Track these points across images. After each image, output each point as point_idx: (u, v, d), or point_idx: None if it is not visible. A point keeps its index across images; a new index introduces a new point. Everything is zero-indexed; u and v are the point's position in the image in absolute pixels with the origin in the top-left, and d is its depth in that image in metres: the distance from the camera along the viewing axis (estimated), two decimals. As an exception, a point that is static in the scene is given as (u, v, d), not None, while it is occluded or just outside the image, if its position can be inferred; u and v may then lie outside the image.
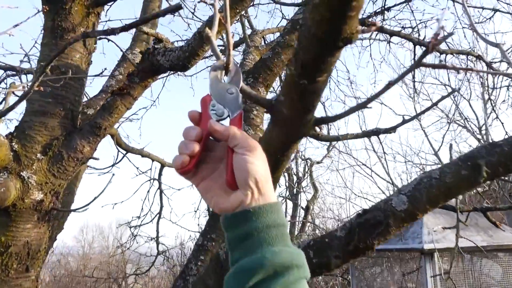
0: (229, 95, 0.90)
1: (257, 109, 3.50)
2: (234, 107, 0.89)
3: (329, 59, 0.76)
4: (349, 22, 0.69)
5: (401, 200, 1.52)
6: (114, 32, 1.30)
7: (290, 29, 3.66)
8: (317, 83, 0.81)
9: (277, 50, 3.62)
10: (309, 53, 0.75)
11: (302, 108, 0.88)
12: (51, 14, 2.71)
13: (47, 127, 2.60)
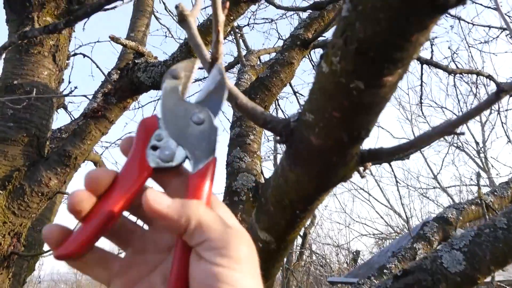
0: (195, 126, 0.54)
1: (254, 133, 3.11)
2: (201, 149, 0.53)
3: (414, 36, 0.37)
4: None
5: (455, 259, 1.11)
6: (56, 28, 0.92)
7: (290, 45, 3.31)
8: (382, 87, 0.42)
9: (275, 68, 3.25)
10: (376, 23, 0.36)
11: (347, 134, 0.47)
12: (16, 24, 2.33)
13: (7, 156, 2.19)
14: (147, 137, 0.52)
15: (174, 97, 0.55)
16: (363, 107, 0.45)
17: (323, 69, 0.44)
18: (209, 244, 0.46)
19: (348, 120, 0.46)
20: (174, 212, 0.47)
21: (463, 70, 5.05)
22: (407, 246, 2.40)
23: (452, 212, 2.53)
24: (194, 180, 0.51)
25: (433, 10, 0.35)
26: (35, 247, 3.29)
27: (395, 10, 0.36)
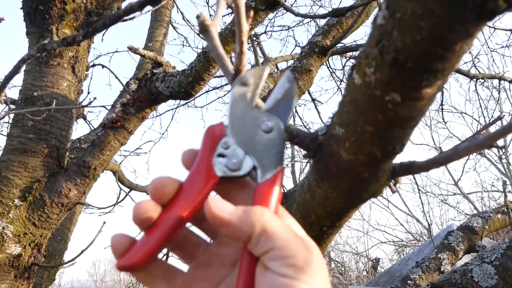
0: (263, 135, 0.52)
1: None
2: (269, 158, 0.50)
3: (458, 45, 0.34)
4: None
5: (486, 272, 1.07)
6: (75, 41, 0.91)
7: (308, 52, 3.29)
8: (420, 100, 0.39)
9: (294, 75, 3.23)
10: (416, 32, 0.33)
11: (380, 149, 0.44)
12: (36, 37, 2.35)
13: (27, 167, 2.20)
14: (214, 145, 0.51)
15: (243, 104, 0.53)
16: (398, 121, 0.42)
17: (355, 80, 0.42)
18: (276, 253, 0.43)
19: (382, 134, 0.44)
20: (237, 219, 0.45)
21: (485, 75, 4.95)
22: (431, 256, 2.34)
23: (478, 220, 2.46)
24: (261, 189, 0.49)
25: (480, 17, 0.32)
26: (55, 257, 3.31)
27: (438, 17, 0.33)
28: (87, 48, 2.47)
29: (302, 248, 0.44)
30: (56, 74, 2.30)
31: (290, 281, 0.42)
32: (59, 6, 2.30)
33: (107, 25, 0.80)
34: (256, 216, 0.45)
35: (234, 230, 0.45)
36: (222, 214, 0.45)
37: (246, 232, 0.44)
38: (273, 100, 0.56)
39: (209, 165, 0.49)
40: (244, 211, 0.45)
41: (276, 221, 0.45)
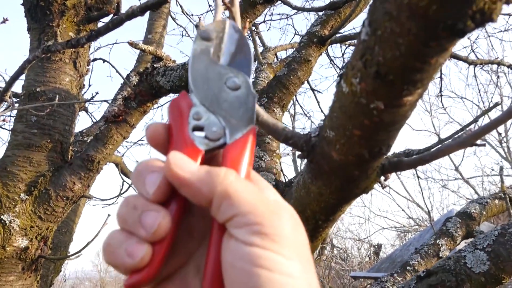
0: (230, 92, 0.48)
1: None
2: (238, 117, 0.46)
3: (434, 59, 0.38)
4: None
5: (478, 259, 1.11)
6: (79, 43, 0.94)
7: (306, 42, 3.31)
8: (402, 107, 0.42)
9: (293, 66, 3.25)
10: (395, 48, 0.36)
11: (367, 151, 0.48)
12: (37, 33, 2.38)
13: (32, 162, 2.25)
14: (185, 119, 0.46)
15: (205, 60, 0.49)
16: (383, 125, 0.45)
17: (343, 89, 0.45)
18: (240, 220, 0.39)
19: (368, 137, 0.47)
20: (197, 179, 0.41)
21: (483, 61, 4.98)
22: (430, 242, 2.39)
23: (475, 207, 2.50)
24: (230, 151, 0.44)
25: (452, 35, 0.36)
26: (61, 249, 3.36)
27: (414, 36, 0.36)
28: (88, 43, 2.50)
29: (271, 214, 0.39)
30: (58, 70, 2.33)
31: (256, 250, 0.37)
32: (60, 1, 2.32)
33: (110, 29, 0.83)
34: (218, 177, 0.41)
35: (194, 191, 0.41)
36: (182, 173, 0.41)
37: (206, 194, 0.40)
38: (228, 54, 0.50)
39: (188, 142, 0.45)
40: (206, 172, 0.41)
41: (242, 183, 0.41)
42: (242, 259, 0.37)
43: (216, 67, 0.49)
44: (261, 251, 0.37)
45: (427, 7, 0.34)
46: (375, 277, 7.28)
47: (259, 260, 0.37)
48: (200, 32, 0.51)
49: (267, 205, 0.40)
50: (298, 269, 0.38)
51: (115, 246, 0.42)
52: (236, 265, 0.38)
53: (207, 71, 0.49)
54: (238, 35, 0.52)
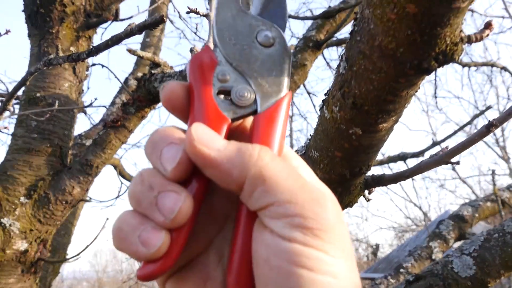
0: (262, 49, 0.40)
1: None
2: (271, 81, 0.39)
3: (404, 92, 0.42)
4: (454, 21, 0.35)
5: (465, 263, 1.15)
6: (79, 58, 0.99)
7: (302, 47, 3.36)
8: (378, 132, 0.46)
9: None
10: (369, 83, 0.40)
11: (349, 170, 0.52)
12: (37, 39, 2.42)
13: (32, 166, 2.28)
14: (209, 80, 0.39)
15: (233, 7, 0.40)
16: (362, 148, 0.50)
17: (325, 115, 0.49)
18: (278, 209, 0.33)
19: (349, 159, 0.51)
20: (226, 159, 0.34)
21: (477, 63, 5.03)
22: (423, 244, 2.43)
23: (468, 209, 2.55)
24: (261, 121, 0.38)
25: (419, 73, 0.40)
26: (59, 251, 3.40)
27: (385, 73, 0.40)
28: (87, 48, 2.54)
29: (314, 203, 0.33)
30: (58, 75, 2.37)
31: (297, 247, 0.32)
32: (60, 8, 2.36)
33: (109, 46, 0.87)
34: (251, 157, 0.34)
35: (221, 173, 0.34)
36: (208, 150, 0.34)
37: (236, 178, 0.34)
38: (260, 1, 0.43)
39: (212, 107, 0.38)
40: (237, 149, 0.35)
41: (279, 165, 0.34)
42: (279, 256, 0.32)
43: (246, 18, 0.41)
44: (303, 248, 0.32)
45: (395, 49, 0.38)
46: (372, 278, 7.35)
47: (301, 259, 0.32)
48: None
49: (310, 192, 0.34)
50: (343, 269, 0.33)
51: (127, 231, 0.35)
52: (272, 262, 0.32)
53: (234, 21, 0.40)
54: None
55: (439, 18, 0.36)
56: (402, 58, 0.39)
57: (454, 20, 0.37)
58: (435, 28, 0.36)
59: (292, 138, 11.23)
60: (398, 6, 0.36)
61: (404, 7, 0.35)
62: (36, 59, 2.42)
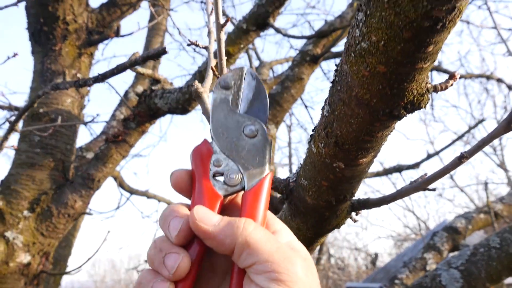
0: (248, 140, 0.52)
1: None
2: (255, 164, 0.50)
3: (379, 133, 0.48)
4: (419, 77, 0.41)
5: (452, 277, 1.21)
6: (86, 84, 1.04)
7: (299, 61, 3.42)
8: (359, 166, 0.53)
9: (286, 84, 3.37)
10: (348, 126, 0.47)
11: (334, 198, 0.58)
12: (40, 56, 2.48)
13: (35, 180, 2.34)
14: (206, 165, 0.50)
15: (225, 108, 0.52)
16: (345, 179, 0.56)
17: (313, 149, 0.55)
18: (259, 267, 0.44)
19: (335, 188, 0.57)
20: (220, 231, 0.46)
21: (472, 75, 5.10)
22: (417, 256, 2.48)
23: (461, 221, 2.60)
24: (248, 198, 0.49)
25: (391, 119, 0.46)
26: (60, 263, 3.44)
27: (362, 118, 0.47)
28: (89, 65, 2.61)
29: (286, 261, 0.44)
30: (60, 91, 2.43)
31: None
32: (62, 27, 2.43)
33: (115, 74, 0.93)
34: (238, 229, 0.45)
35: (217, 243, 0.46)
36: (206, 226, 0.45)
37: (229, 245, 0.45)
38: (246, 101, 0.54)
39: (209, 187, 0.49)
40: (227, 223, 0.46)
41: (260, 233, 0.46)
42: None
43: (235, 116, 0.52)
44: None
45: (369, 99, 0.44)
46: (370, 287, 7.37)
47: None
48: (219, 81, 0.55)
49: (283, 253, 0.45)
50: None
51: (144, 284, 0.48)
52: None
53: (226, 120, 0.52)
54: (255, 82, 0.55)
55: (405, 76, 0.42)
56: (375, 107, 0.45)
57: (419, 76, 0.43)
58: (403, 84, 0.43)
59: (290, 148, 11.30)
60: (370, 65, 0.42)
61: (375, 66, 0.41)
62: (39, 75, 2.48)
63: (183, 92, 2.14)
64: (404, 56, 0.39)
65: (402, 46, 0.38)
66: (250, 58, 5.24)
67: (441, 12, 0.35)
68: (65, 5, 2.41)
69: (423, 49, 0.38)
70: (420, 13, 0.35)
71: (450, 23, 0.36)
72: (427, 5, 0.35)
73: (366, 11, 0.39)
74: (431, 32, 0.37)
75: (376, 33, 0.39)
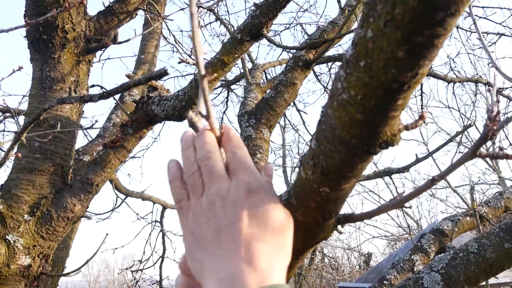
0: None
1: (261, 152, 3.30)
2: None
3: (359, 165, 0.56)
4: (391, 122, 0.49)
5: (433, 279, 1.30)
6: (92, 99, 1.12)
7: (292, 66, 3.50)
8: (342, 190, 0.61)
9: (279, 89, 3.45)
10: (332, 159, 0.55)
11: (321, 216, 0.67)
12: (39, 63, 2.55)
13: (35, 184, 2.40)
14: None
15: None
16: (331, 200, 0.64)
17: (302, 174, 0.64)
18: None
19: (321, 208, 0.66)
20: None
21: (461, 79, 5.22)
22: (405, 257, 2.58)
23: (448, 224, 2.70)
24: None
25: (368, 154, 0.54)
26: (58, 265, 3.51)
27: (344, 153, 0.55)
28: (87, 72, 2.67)
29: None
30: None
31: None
32: (61, 35, 2.49)
33: (119, 91, 1.00)
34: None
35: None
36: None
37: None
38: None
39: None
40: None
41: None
42: None
43: None
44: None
45: (350, 139, 0.52)
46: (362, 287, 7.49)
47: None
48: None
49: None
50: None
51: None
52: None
53: None
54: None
55: (380, 122, 0.50)
56: (355, 145, 0.53)
57: (391, 122, 0.51)
58: (377, 128, 0.51)
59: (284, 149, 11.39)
60: (350, 113, 0.50)
61: (354, 114, 0.49)
62: (38, 82, 2.55)
63: (180, 100, 2.22)
64: (378, 108, 0.47)
65: (376, 101, 0.46)
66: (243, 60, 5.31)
67: (406, 78, 0.43)
68: (64, 14, 2.48)
69: (393, 103, 0.47)
70: (389, 78, 0.43)
71: (415, 84, 0.45)
72: (394, 72, 0.43)
73: (346, 69, 0.47)
74: (399, 92, 0.45)
75: (354, 89, 0.47)
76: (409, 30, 0.40)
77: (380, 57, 0.42)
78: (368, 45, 0.43)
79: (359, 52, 0.44)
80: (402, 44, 0.41)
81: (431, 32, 0.40)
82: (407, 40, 0.40)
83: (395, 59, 0.42)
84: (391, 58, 0.42)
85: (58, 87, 2.50)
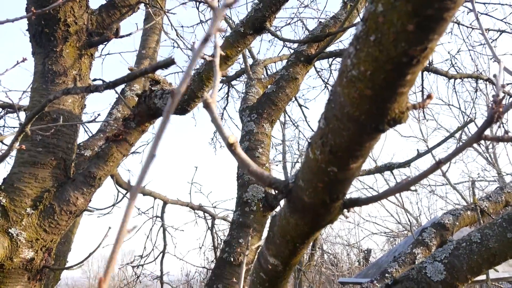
0: None
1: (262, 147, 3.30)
2: None
3: (367, 144, 0.56)
4: (399, 99, 0.50)
5: (437, 269, 1.30)
6: (98, 89, 1.12)
7: (294, 61, 3.51)
8: (350, 170, 0.61)
9: (281, 83, 3.45)
10: (341, 137, 0.55)
11: (328, 197, 0.67)
12: (41, 57, 2.55)
13: (38, 178, 2.41)
14: None
15: None
16: (338, 181, 0.64)
17: (310, 155, 0.64)
18: None
19: (329, 188, 0.66)
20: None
21: (462, 75, 5.21)
22: (407, 251, 2.59)
23: (449, 218, 2.71)
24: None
25: (376, 132, 0.55)
26: (60, 259, 3.51)
27: (352, 131, 0.55)
28: (89, 65, 2.68)
29: None
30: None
31: None
32: (63, 28, 2.49)
33: (125, 81, 1.01)
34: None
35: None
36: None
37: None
38: None
39: None
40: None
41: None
42: None
43: None
44: None
45: (359, 116, 0.53)
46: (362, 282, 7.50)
47: None
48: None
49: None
50: None
51: None
52: None
53: None
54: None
55: (388, 98, 0.51)
56: (364, 122, 0.54)
57: (400, 98, 0.52)
58: (386, 104, 0.51)
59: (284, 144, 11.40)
60: (359, 90, 0.50)
61: (363, 90, 0.50)
62: (40, 76, 2.55)
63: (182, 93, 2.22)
64: (387, 83, 0.48)
65: (385, 76, 0.47)
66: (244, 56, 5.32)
67: (416, 51, 0.44)
68: (66, 7, 2.48)
69: (402, 78, 0.47)
70: (399, 52, 0.44)
71: (424, 59, 0.45)
72: (404, 45, 0.43)
73: (356, 46, 0.48)
74: (408, 66, 0.45)
75: (364, 64, 0.47)
76: (419, 3, 0.40)
77: (391, 31, 0.43)
78: (378, 19, 0.44)
79: (369, 27, 0.45)
80: (412, 17, 0.41)
81: (440, 5, 0.40)
82: (417, 13, 0.41)
83: (405, 33, 0.42)
84: (401, 32, 0.43)
85: (60, 80, 2.50)
